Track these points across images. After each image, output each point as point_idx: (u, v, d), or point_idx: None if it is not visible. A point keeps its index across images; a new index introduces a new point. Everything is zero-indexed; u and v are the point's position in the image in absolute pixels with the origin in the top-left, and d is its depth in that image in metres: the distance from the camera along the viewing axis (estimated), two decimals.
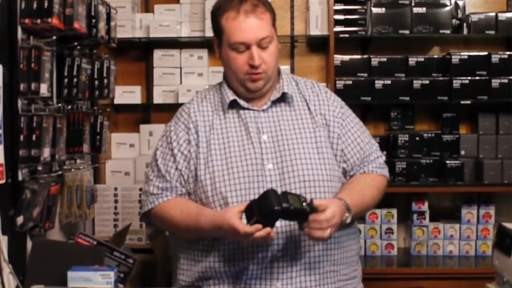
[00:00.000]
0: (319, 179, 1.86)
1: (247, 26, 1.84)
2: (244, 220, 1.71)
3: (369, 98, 3.25)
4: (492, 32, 3.27)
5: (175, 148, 1.94)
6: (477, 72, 3.26)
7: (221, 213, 1.77)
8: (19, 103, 2.08)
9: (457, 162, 3.27)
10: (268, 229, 1.69)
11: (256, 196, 1.77)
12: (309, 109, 1.96)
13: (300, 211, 1.67)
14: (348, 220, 1.80)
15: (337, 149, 1.94)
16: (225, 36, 1.89)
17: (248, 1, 1.87)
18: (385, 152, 2.06)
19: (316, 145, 1.91)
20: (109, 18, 2.74)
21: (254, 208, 1.68)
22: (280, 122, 1.93)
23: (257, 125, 1.92)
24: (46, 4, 2.10)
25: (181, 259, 1.96)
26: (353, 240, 1.99)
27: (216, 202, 1.85)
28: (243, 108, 1.94)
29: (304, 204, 1.68)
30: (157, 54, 3.39)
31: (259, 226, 1.67)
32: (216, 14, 1.92)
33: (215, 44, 1.98)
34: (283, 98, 1.96)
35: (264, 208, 1.66)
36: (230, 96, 1.94)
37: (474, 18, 3.27)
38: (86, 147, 2.57)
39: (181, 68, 3.38)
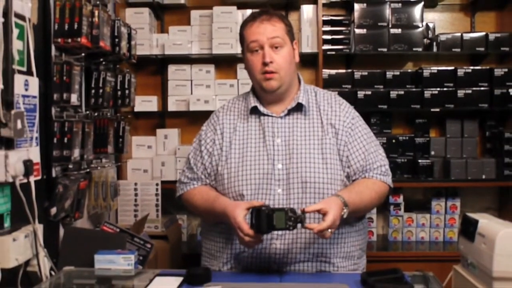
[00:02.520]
0: (319, 181, 1.81)
1: (261, 29, 1.85)
2: (248, 220, 1.68)
3: (352, 106, 3.23)
4: (458, 49, 3.27)
5: (203, 145, 1.96)
6: (445, 84, 3.26)
7: (232, 205, 1.73)
8: (53, 110, 2.08)
9: (427, 161, 3.27)
10: (259, 239, 1.67)
11: (265, 192, 1.79)
12: (321, 118, 1.91)
13: (283, 229, 1.62)
14: (345, 215, 1.71)
15: (343, 155, 1.87)
16: (245, 42, 1.88)
17: (264, 14, 1.88)
18: None
19: (321, 151, 1.85)
20: (130, 37, 2.74)
21: (253, 218, 1.65)
22: (293, 128, 1.89)
23: (273, 130, 1.89)
24: (76, 26, 2.11)
25: (205, 239, 2.00)
26: (356, 237, 1.92)
27: (231, 194, 1.84)
28: (263, 114, 1.92)
29: (290, 219, 1.61)
30: (171, 68, 3.38)
31: (258, 235, 1.66)
32: (241, 29, 1.93)
33: (243, 56, 1.95)
34: (299, 108, 1.92)
35: (256, 227, 1.63)
36: (252, 102, 1.93)
37: (443, 37, 3.27)
38: (110, 148, 2.57)
39: (191, 80, 3.37)
